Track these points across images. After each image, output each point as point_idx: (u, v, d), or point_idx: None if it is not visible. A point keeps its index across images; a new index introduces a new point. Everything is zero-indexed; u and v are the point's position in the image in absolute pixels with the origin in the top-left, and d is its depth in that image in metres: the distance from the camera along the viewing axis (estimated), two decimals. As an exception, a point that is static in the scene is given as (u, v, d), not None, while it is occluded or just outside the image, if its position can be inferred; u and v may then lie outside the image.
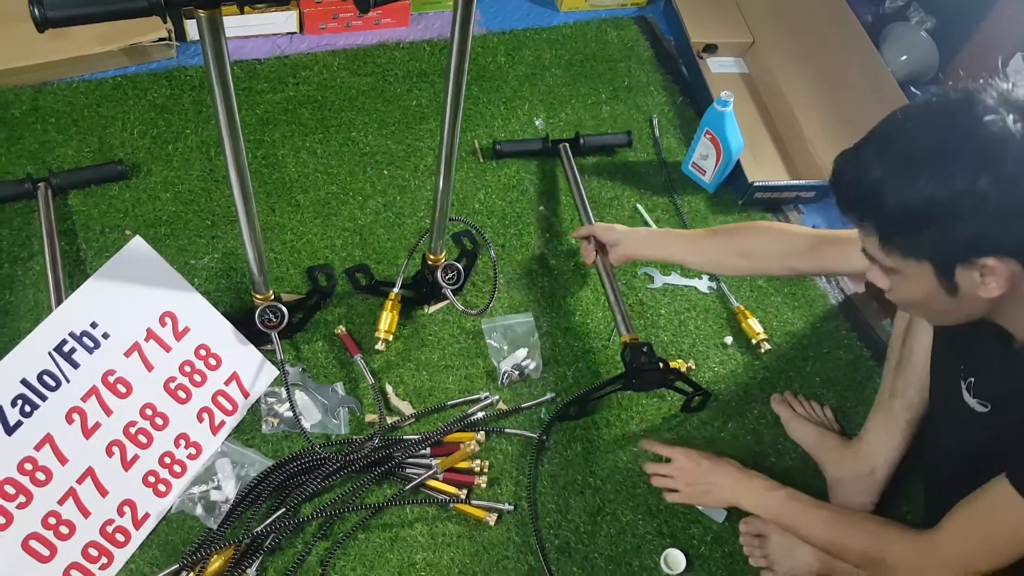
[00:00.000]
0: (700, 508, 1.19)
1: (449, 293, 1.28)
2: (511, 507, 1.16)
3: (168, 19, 1.61)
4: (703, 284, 1.47)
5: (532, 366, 1.30)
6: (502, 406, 1.27)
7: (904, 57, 1.84)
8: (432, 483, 1.16)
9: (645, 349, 1.22)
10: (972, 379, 0.92)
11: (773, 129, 1.73)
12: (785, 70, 1.75)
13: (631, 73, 1.81)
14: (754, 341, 1.39)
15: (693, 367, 1.36)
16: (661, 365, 1.21)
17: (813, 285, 1.51)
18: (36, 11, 0.71)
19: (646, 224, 1.55)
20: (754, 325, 1.40)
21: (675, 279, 1.47)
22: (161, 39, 1.60)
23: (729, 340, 1.40)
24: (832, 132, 1.63)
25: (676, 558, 1.15)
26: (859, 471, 1.18)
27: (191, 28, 1.66)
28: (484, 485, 1.17)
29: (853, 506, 1.18)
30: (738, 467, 1.15)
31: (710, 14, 1.86)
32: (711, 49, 1.83)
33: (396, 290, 1.30)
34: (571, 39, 1.86)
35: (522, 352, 1.31)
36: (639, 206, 1.57)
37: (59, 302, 1.16)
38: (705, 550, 1.17)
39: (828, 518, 1.02)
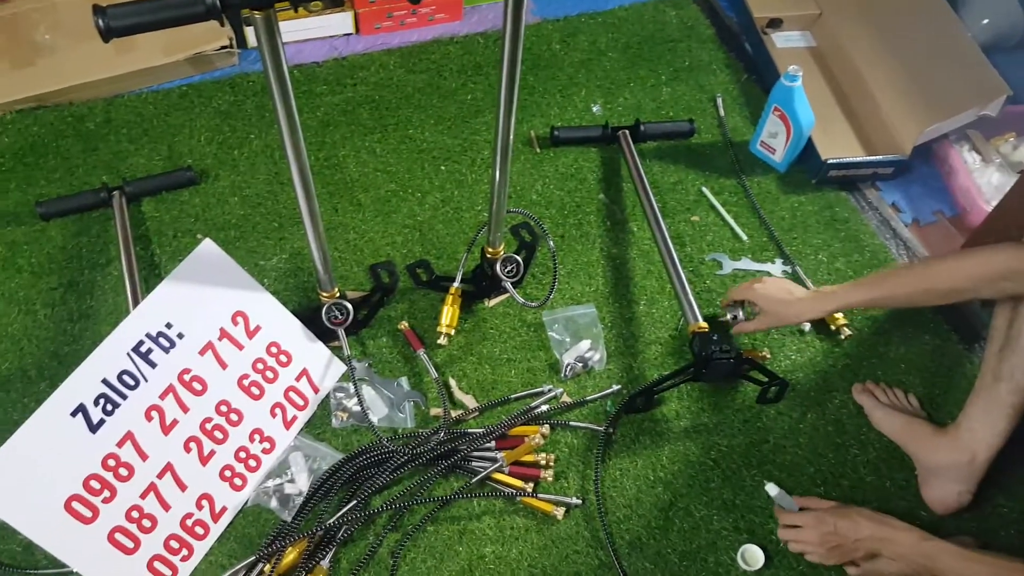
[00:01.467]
0: (776, 499, 1.14)
1: (509, 286, 1.27)
2: (579, 501, 1.14)
3: (229, 26, 1.65)
4: (776, 268, 1.41)
5: (596, 358, 1.28)
6: (566, 399, 1.25)
7: (986, 20, 1.71)
8: (498, 476, 1.15)
9: (715, 337, 1.17)
10: None
11: (845, 104, 1.64)
12: (856, 41, 1.65)
13: (691, 53, 1.75)
14: (833, 327, 1.32)
15: (768, 356, 1.30)
16: (733, 355, 1.16)
17: (892, 265, 1.42)
18: (100, 22, 0.74)
19: (713, 207, 1.49)
20: (832, 310, 1.33)
21: (746, 264, 1.41)
22: (223, 47, 1.65)
23: (807, 327, 1.34)
24: (910, 104, 1.53)
25: (754, 554, 1.11)
26: (957, 459, 1.11)
27: (251, 34, 1.70)
28: (550, 479, 1.16)
29: (948, 496, 1.12)
30: (872, 516, 1.07)
31: (773, -13, 1.78)
32: (775, 24, 1.75)
33: (456, 284, 1.30)
34: (627, 21, 1.81)
35: (585, 344, 1.28)
36: (704, 189, 1.52)
37: (136, 305, 1.20)
38: (785, 546, 1.12)
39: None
